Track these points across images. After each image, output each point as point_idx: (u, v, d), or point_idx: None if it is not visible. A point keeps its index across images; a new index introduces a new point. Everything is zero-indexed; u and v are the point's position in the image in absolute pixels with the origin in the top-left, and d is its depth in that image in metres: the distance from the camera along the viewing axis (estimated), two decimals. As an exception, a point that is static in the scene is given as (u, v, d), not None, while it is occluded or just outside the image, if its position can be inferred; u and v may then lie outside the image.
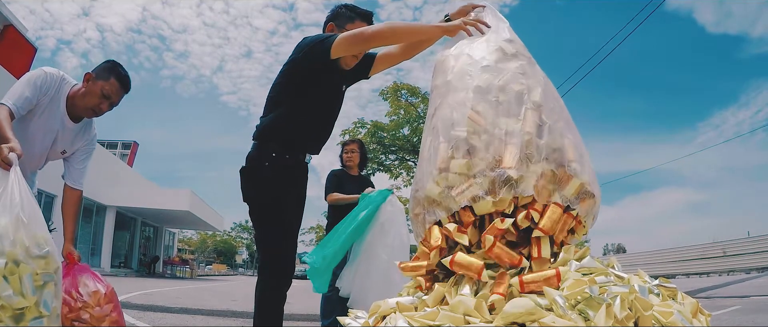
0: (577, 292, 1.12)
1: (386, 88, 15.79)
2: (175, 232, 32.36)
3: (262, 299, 1.92)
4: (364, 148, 4.09)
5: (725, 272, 20.32)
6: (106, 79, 2.14)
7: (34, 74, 2.05)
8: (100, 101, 2.15)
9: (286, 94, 1.97)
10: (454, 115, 1.50)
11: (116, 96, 2.19)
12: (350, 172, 3.93)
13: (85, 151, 2.35)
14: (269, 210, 1.94)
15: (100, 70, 2.16)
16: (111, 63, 2.21)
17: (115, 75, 2.16)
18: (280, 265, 1.93)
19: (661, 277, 1.33)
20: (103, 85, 2.13)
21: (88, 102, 2.14)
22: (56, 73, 2.11)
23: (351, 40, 1.81)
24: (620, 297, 1.10)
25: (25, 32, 14.85)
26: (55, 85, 2.10)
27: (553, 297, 1.13)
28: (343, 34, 1.83)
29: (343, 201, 3.61)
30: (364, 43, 1.81)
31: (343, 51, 1.85)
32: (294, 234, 2.01)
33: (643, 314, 1.10)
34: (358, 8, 2.06)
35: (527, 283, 1.20)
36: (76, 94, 2.15)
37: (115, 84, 2.16)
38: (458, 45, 1.71)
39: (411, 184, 16.70)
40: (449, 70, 1.62)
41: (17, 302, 1.48)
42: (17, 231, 1.54)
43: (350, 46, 1.83)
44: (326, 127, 2.11)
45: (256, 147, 1.99)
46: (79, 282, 2.04)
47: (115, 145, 30.43)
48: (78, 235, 17.54)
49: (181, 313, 5.97)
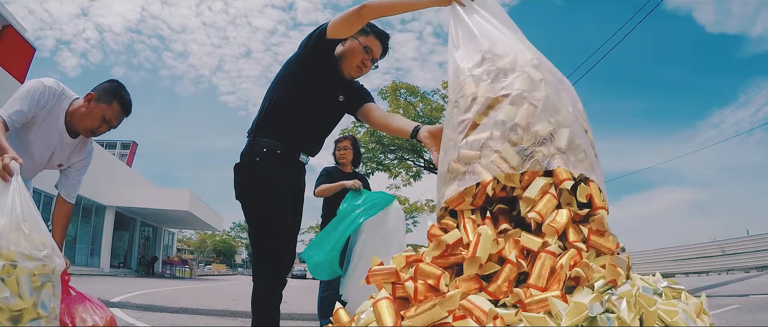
0: (577, 320, 1.08)
1: (385, 87, 15.81)
2: (175, 232, 32.36)
3: (257, 298, 1.92)
4: (357, 144, 4.05)
5: (724, 271, 20.33)
6: (109, 103, 2.09)
7: (33, 86, 2.00)
8: (100, 125, 2.12)
9: (282, 85, 2.00)
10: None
11: (117, 120, 2.15)
12: (343, 169, 3.90)
13: (82, 165, 2.31)
14: (261, 207, 1.93)
15: (103, 92, 2.10)
16: (115, 85, 2.15)
17: (118, 100, 2.11)
18: (273, 264, 1.92)
19: (670, 279, 1.32)
20: (105, 110, 2.09)
21: (88, 124, 2.10)
22: (55, 87, 2.06)
23: (345, 16, 1.81)
24: (626, 299, 1.08)
25: (24, 32, 14.84)
26: (53, 99, 2.05)
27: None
28: (338, 15, 1.84)
29: (329, 191, 3.59)
30: (358, 18, 1.80)
31: (339, 28, 1.84)
32: (289, 233, 2.00)
33: (648, 311, 1.09)
34: (376, 27, 2.06)
35: (529, 305, 1.16)
36: (76, 111, 2.09)
37: (117, 109, 2.12)
38: (475, 57, 1.60)
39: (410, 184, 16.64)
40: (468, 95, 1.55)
41: (15, 304, 1.48)
42: (14, 232, 1.54)
43: (345, 22, 1.82)
44: (319, 121, 2.10)
45: (248, 142, 2.01)
46: (75, 316, 1.88)
47: (114, 145, 30.39)
48: (77, 235, 17.69)
49: (180, 312, 5.97)
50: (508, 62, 1.53)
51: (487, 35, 1.62)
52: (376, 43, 2.04)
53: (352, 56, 2.02)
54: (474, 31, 1.64)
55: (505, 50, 1.56)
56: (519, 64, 1.52)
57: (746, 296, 7.83)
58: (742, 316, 5.07)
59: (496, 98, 1.46)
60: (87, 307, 1.95)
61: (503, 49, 1.57)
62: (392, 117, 2.16)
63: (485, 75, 1.53)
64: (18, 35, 14.36)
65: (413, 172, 16.38)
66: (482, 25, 1.65)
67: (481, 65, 1.56)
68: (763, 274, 15.74)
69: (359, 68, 2.05)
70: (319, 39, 1.88)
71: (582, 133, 1.48)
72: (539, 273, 1.22)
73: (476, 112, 1.48)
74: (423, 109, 15.65)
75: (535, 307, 1.14)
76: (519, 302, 1.18)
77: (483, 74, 1.53)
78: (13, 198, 1.58)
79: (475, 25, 1.66)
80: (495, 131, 1.42)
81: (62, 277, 1.92)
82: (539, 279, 1.21)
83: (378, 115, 2.14)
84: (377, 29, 2.05)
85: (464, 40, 1.66)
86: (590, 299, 1.11)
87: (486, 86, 1.50)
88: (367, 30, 2.02)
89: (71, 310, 1.89)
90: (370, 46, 2.02)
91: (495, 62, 1.54)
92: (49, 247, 1.63)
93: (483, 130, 1.45)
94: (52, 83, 2.06)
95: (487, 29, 1.64)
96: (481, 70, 1.54)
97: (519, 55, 1.55)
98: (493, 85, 1.49)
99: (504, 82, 1.48)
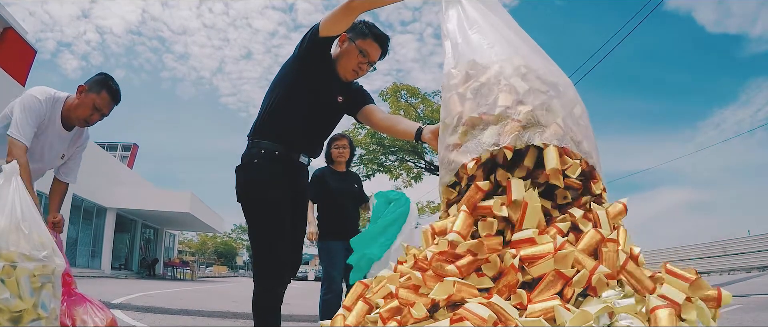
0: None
1: (386, 88, 15.87)
2: (176, 233, 32.37)
3: (256, 299, 1.92)
4: (353, 144, 3.93)
5: (726, 271, 20.29)
6: (98, 92, 2.29)
7: (30, 104, 2.18)
8: (92, 113, 2.31)
9: (279, 87, 1.99)
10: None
11: (107, 108, 2.34)
12: (336, 169, 3.75)
13: (80, 151, 2.53)
14: (260, 208, 1.93)
15: (93, 83, 2.31)
16: (103, 76, 2.35)
17: (106, 88, 2.31)
18: (272, 265, 1.92)
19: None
20: (95, 99, 2.29)
21: (80, 113, 2.30)
22: (49, 96, 2.25)
23: (336, 12, 1.79)
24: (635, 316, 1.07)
25: (24, 34, 14.87)
26: (49, 107, 2.25)
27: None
28: (328, 12, 1.83)
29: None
30: (349, 11, 1.77)
31: (330, 24, 1.82)
32: (288, 234, 1.98)
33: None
34: (376, 29, 2.02)
35: (529, 314, 1.14)
36: (71, 105, 2.30)
37: (105, 97, 2.31)
38: (464, 64, 1.57)
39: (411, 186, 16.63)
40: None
41: (15, 305, 1.48)
42: (14, 233, 1.54)
43: (336, 18, 1.80)
44: (318, 122, 2.08)
45: (248, 144, 2.01)
46: (76, 318, 1.90)
47: (115, 147, 30.46)
48: (78, 237, 17.71)
49: (181, 314, 5.96)
50: (493, 75, 1.48)
51: (472, 44, 1.57)
52: (374, 47, 2.01)
53: (348, 59, 2.00)
54: (458, 40, 1.61)
55: (490, 60, 1.51)
56: (504, 75, 1.46)
57: (748, 296, 7.80)
58: (744, 315, 5.06)
59: (480, 117, 1.44)
60: (88, 309, 1.97)
61: (488, 58, 1.51)
62: (395, 120, 2.13)
63: (469, 93, 1.50)
64: (19, 37, 14.38)
65: (414, 173, 16.40)
66: (468, 31, 1.60)
67: (466, 81, 1.52)
68: (765, 274, 15.71)
69: (355, 71, 2.02)
70: (313, 38, 1.87)
71: (574, 146, 1.43)
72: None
73: (461, 134, 1.47)
74: (424, 111, 15.67)
75: (537, 313, 1.13)
76: (519, 304, 1.17)
77: (467, 91, 1.50)
78: (13, 199, 1.58)
79: (459, 33, 1.61)
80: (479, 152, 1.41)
81: (65, 279, 1.94)
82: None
83: (380, 118, 2.12)
84: (377, 31, 2.01)
85: (452, 49, 1.62)
86: (598, 310, 1.09)
87: (470, 105, 1.48)
88: (366, 32, 1.99)
89: (72, 312, 1.90)
90: (367, 50, 1.99)
91: (479, 77, 1.50)
92: (49, 247, 1.63)
93: (465, 152, 1.43)
94: (44, 95, 2.24)
95: (472, 36, 1.59)
96: (465, 88, 1.51)
97: (505, 63, 1.49)
98: (476, 102, 1.46)
99: (488, 99, 1.45)
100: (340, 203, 3.61)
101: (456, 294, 1.19)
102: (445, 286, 1.21)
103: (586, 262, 1.21)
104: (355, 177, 3.94)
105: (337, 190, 3.61)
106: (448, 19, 1.68)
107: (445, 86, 1.58)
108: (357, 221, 3.82)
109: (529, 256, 1.23)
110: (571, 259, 1.19)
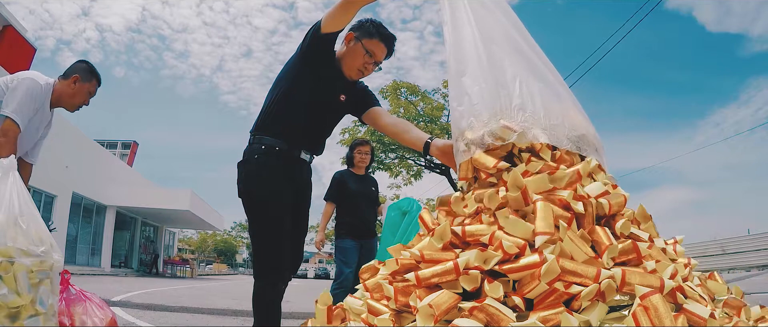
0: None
1: (386, 86, 15.80)
2: (176, 231, 32.36)
3: (256, 296, 1.92)
4: (374, 150, 4.22)
5: (725, 270, 20.29)
6: (90, 81, 2.56)
7: (32, 88, 2.33)
8: (87, 99, 2.58)
9: (282, 84, 1.99)
10: None
11: (95, 93, 2.63)
12: (356, 172, 4.04)
13: (48, 131, 2.68)
14: (261, 203, 1.93)
15: (83, 72, 2.54)
16: (88, 65, 2.59)
17: (95, 76, 2.59)
18: (272, 262, 1.91)
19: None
20: (89, 87, 2.56)
21: (77, 101, 2.55)
22: (46, 82, 2.43)
23: (337, 7, 1.78)
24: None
25: (24, 33, 14.83)
26: (46, 92, 2.44)
27: None
28: (329, 8, 1.82)
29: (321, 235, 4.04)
30: (350, 5, 1.75)
31: (332, 20, 1.81)
32: (289, 230, 1.97)
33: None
34: (383, 29, 2.00)
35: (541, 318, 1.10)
36: (65, 92, 2.49)
37: (95, 84, 2.60)
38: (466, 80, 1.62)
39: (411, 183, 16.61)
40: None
41: (13, 301, 1.47)
42: (11, 228, 1.53)
43: (338, 13, 1.78)
44: (319, 120, 2.07)
45: (250, 141, 2.01)
46: (75, 317, 1.87)
47: (115, 144, 30.39)
48: (78, 235, 17.69)
49: (182, 311, 5.96)
50: (487, 117, 1.53)
51: (470, 74, 1.62)
52: (380, 47, 1.99)
53: (354, 58, 1.98)
54: (453, 70, 1.66)
55: (488, 104, 1.55)
56: (501, 113, 1.52)
57: (748, 295, 7.81)
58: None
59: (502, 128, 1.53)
60: (87, 308, 1.96)
61: (486, 101, 1.55)
62: (404, 127, 2.07)
63: (471, 146, 1.55)
64: (18, 35, 14.34)
65: (414, 171, 16.38)
66: (465, 55, 1.65)
67: (464, 135, 1.58)
68: (763, 273, 15.72)
69: (360, 71, 2.01)
70: (315, 35, 1.86)
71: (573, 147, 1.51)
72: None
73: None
74: (424, 108, 15.64)
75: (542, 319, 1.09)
76: (516, 307, 1.15)
77: (461, 145, 1.59)
78: (11, 194, 1.57)
79: (455, 59, 1.67)
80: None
81: (62, 276, 1.93)
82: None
83: (388, 122, 2.10)
84: (384, 32, 1.99)
85: (453, 81, 1.66)
86: (603, 318, 1.07)
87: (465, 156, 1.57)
88: (373, 32, 1.97)
89: (71, 310, 1.89)
90: (373, 50, 1.98)
91: (475, 131, 1.54)
92: (48, 243, 1.62)
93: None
94: (43, 80, 2.41)
95: (470, 65, 1.63)
96: (461, 143, 1.59)
97: (502, 100, 1.54)
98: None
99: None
100: (357, 204, 3.91)
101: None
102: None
103: (588, 271, 1.15)
104: (373, 180, 4.19)
105: (356, 191, 3.91)
106: (446, 27, 1.74)
107: (458, 135, 1.63)
108: (373, 222, 4.12)
109: (517, 268, 1.18)
110: (556, 269, 1.12)
